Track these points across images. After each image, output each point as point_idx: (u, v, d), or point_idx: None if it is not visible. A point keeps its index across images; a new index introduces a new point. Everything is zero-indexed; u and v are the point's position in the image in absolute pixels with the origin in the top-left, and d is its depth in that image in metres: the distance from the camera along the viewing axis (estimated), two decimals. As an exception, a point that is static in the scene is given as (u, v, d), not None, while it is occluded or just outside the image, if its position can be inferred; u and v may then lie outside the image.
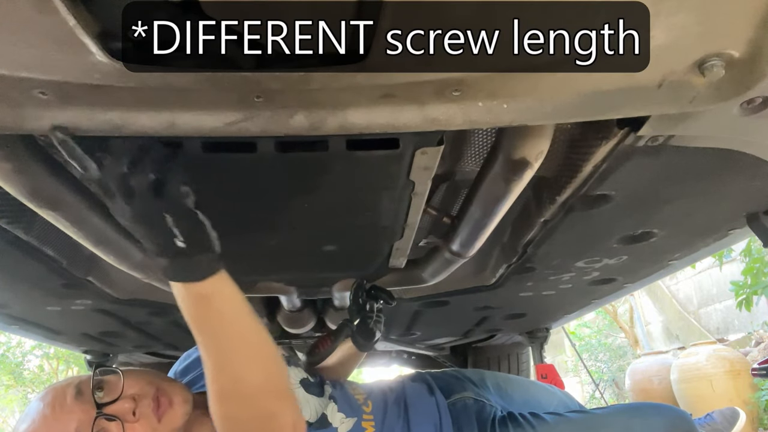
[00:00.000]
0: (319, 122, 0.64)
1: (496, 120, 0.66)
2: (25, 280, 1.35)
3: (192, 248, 0.72)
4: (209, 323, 0.80)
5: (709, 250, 1.48)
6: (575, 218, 1.12)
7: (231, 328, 0.81)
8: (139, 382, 0.98)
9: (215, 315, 0.80)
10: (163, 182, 0.67)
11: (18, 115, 0.61)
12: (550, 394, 1.51)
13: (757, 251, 3.85)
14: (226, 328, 0.81)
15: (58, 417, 0.92)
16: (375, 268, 1.39)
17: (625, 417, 1.22)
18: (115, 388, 0.96)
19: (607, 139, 0.82)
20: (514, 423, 1.20)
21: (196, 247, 0.73)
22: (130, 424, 0.93)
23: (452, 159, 1.05)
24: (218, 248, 0.76)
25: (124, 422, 0.92)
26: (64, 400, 0.93)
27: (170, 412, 0.97)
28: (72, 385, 0.96)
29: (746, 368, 4.28)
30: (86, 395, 0.94)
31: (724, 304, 6.42)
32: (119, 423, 0.92)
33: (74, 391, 0.94)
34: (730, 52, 0.60)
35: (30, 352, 8.95)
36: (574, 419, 1.21)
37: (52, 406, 0.93)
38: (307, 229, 1.09)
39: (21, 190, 0.79)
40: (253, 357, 0.84)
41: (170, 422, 0.97)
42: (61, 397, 0.94)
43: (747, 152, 0.87)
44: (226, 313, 0.80)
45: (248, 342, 0.83)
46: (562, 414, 1.24)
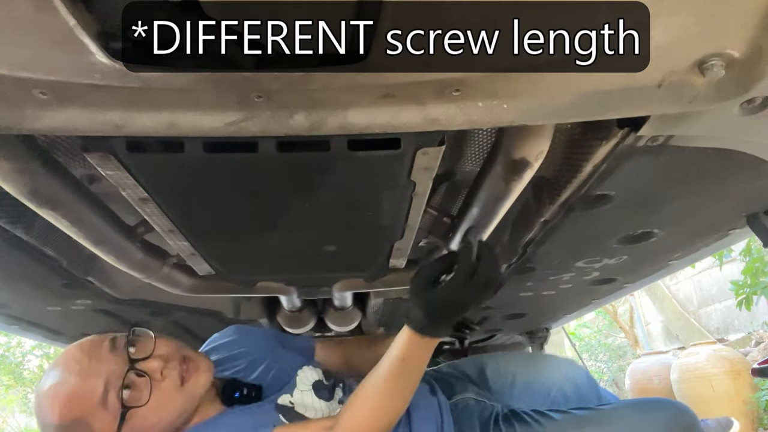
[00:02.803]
0: (319, 122, 0.64)
1: (496, 120, 0.66)
2: (25, 280, 1.35)
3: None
4: (417, 372, 1.00)
5: (709, 250, 1.48)
6: (575, 218, 1.12)
7: (417, 379, 1.01)
8: (170, 346, 1.04)
9: (422, 366, 1.00)
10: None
11: (18, 115, 0.61)
12: (554, 367, 1.48)
13: (757, 251, 3.85)
14: (416, 379, 1.01)
15: (93, 365, 0.97)
16: (375, 269, 1.39)
17: (630, 411, 1.22)
18: (147, 347, 1.01)
19: (607, 139, 0.82)
20: (520, 422, 1.20)
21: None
22: (157, 383, 0.98)
23: (452, 159, 1.05)
24: None
25: (152, 379, 0.98)
26: (100, 349, 0.99)
27: (194, 378, 1.02)
28: (108, 338, 1.01)
29: (746, 368, 4.28)
30: (120, 349, 0.99)
31: (724, 304, 6.42)
32: (147, 379, 0.97)
33: (109, 344, 1.00)
34: (730, 52, 0.60)
35: (30, 352, 8.96)
36: (581, 416, 1.21)
37: (88, 354, 0.98)
38: (308, 229, 1.09)
39: (21, 190, 0.79)
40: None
41: (193, 387, 1.02)
42: (98, 347, 1.00)
43: (747, 152, 0.87)
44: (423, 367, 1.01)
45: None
46: (569, 411, 1.24)
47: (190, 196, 0.91)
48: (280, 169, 0.82)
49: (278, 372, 1.21)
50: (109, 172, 0.77)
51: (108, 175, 0.78)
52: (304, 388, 1.17)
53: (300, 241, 1.16)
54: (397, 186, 0.88)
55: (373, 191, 0.92)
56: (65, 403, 0.94)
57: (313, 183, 0.86)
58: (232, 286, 1.43)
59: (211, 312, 1.94)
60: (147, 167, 0.78)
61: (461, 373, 1.45)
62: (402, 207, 0.98)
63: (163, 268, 1.25)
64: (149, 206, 0.89)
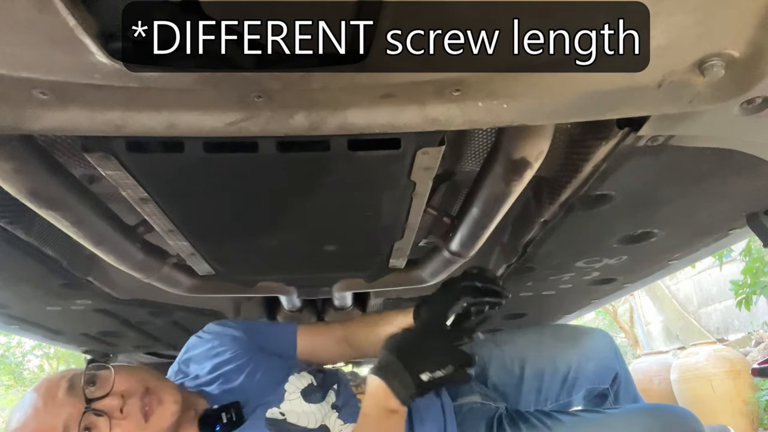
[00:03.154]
0: (319, 122, 0.64)
1: (496, 120, 0.66)
2: (25, 280, 1.35)
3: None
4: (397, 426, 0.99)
5: (709, 250, 1.48)
6: (575, 218, 1.12)
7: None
8: (130, 380, 1.00)
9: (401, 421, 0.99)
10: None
11: (18, 115, 0.61)
12: (569, 344, 1.40)
13: (757, 251, 3.86)
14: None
15: (49, 409, 0.94)
16: (375, 269, 1.39)
17: (638, 418, 1.21)
18: (106, 383, 0.97)
19: (607, 139, 0.82)
20: (525, 423, 1.19)
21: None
22: (117, 421, 0.95)
23: (452, 159, 1.05)
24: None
25: (111, 419, 0.94)
26: (56, 393, 0.96)
27: (158, 412, 0.98)
28: (66, 379, 0.98)
29: (746, 368, 4.28)
30: (77, 389, 0.96)
31: (724, 304, 6.43)
32: (107, 419, 0.94)
33: (67, 385, 0.97)
34: (730, 52, 0.60)
35: (30, 352, 8.97)
36: (591, 419, 1.20)
37: (44, 399, 0.96)
38: (308, 229, 1.09)
39: (21, 190, 0.79)
40: None
41: (157, 422, 0.98)
42: (54, 389, 0.97)
43: (747, 152, 0.87)
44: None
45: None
46: (576, 413, 1.23)
47: (190, 196, 0.91)
48: (280, 169, 0.82)
49: (264, 376, 1.18)
50: (109, 172, 0.77)
51: (108, 175, 0.78)
52: (293, 396, 1.14)
53: (300, 241, 1.16)
54: (397, 186, 0.88)
55: (373, 191, 0.92)
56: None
57: (313, 183, 0.86)
58: (232, 286, 1.43)
59: (211, 312, 1.94)
60: (147, 167, 0.78)
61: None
62: (402, 207, 0.98)
63: (163, 268, 1.25)
64: (149, 206, 0.89)
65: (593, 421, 1.19)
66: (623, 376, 1.45)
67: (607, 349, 1.43)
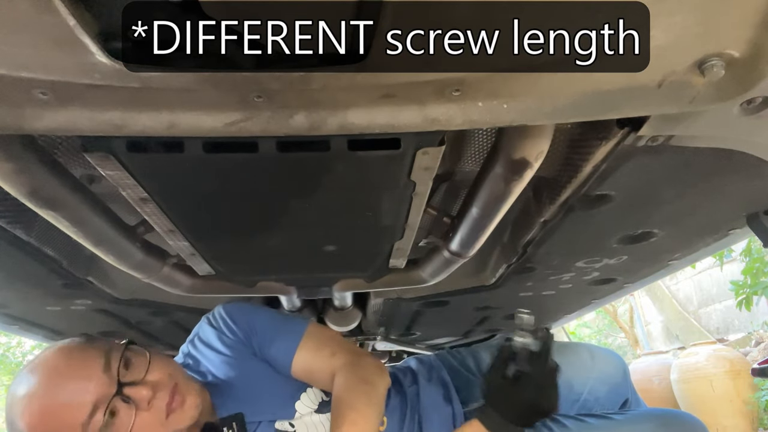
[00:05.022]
0: (319, 122, 0.64)
1: (496, 120, 0.66)
2: (25, 280, 1.35)
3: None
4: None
5: (709, 250, 1.47)
6: (575, 218, 1.12)
7: None
8: (162, 371, 0.96)
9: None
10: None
11: (18, 115, 0.61)
12: (585, 366, 1.37)
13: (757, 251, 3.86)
14: None
15: (81, 384, 0.88)
16: (375, 269, 1.39)
17: (648, 424, 1.19)
18: (140, 368, 0.94)
19: (607, 139, 0.82)
20: (532, 429, 1.18)
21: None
22: (141, 412, 0.91)
23: (452, 159, 1.05)
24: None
25: (138, 409, 0.90)
26: (91, 367, 0.90)
27: (179, 412, 0.95)
28: (102, 353, 0.93)
29: (746, 368, 4.28)
30: (112, 369, 0.91)
31: (724, 304, 6.43)
32: (133, 407, 0.90)
33: (103, 361, 0.91)
34: (730, 52, 0.60)
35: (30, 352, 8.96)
36: (596, 425, 1.19)
37: (77, 370, 0.90)
38: (308, 229, 1.09)
39: (21, 190, 0.79)
40: None
41: (175, 422, 0.95)
42: (90, 363, 0.91)
43: (747, 152, 0.87)
44: None
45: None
46: (581, 419, 1.22)
47: (190, 196, 0.91)
48: (280, 169, 0.82)
49: (273, 387, 1.12)
50: (109, 172, 0.77)
51: (108, 175, 0.78)
52: (305, 411, 1.11)
53: (300, 241, 1.16)
54: (397, 186, 0.88)
55: (373, 191, 0.92)
56: (43, 417, 0.86)
57: (313, 183, 0.86)
58: (232, 286, 1.43)
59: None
60: (147, 167, 0.78)
61: (480, 371, 1.36)
62: (402, 207, 0.98)
63: (163, 268, 1.25)
64: (149, 206, 0.89)
65: (599, 426, 1.19)
66: (632, 400, 1.43)
67: (620, 375, 1.42)
